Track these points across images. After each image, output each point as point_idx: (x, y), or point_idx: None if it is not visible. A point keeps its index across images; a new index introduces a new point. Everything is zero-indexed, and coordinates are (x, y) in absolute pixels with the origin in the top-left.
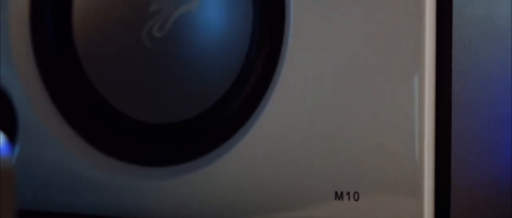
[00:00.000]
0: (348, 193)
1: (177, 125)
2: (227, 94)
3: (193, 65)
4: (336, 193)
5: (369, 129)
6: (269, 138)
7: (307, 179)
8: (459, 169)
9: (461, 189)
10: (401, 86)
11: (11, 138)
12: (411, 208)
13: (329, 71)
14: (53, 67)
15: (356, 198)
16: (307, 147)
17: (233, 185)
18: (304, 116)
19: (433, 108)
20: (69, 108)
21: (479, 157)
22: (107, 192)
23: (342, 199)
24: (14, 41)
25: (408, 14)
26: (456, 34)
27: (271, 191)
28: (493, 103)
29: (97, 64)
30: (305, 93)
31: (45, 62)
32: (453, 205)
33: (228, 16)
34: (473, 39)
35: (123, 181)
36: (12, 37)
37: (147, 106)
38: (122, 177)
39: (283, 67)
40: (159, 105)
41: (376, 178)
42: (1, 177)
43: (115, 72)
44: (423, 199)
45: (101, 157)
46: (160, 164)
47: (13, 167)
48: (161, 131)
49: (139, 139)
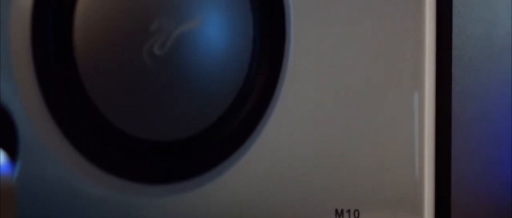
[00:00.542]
0: (349, 211)
1: (177, 142)
2: (227, 112)
3: (194, 83)
4: (336, 211)
5: (369, 147)
6: (270, 156)
7: (307, 197)
8: (459, 186)
9: (461, 206)
10: (401, 105)
11: (12, 154)
12: None
13: (329, 90)
14: (53, 84)
15: (356, 215)
16: (307, 165)
17: (234, 202)
18: (305, 134)
19: (433, 126)
20: (69, 125)
21: (479, 175)
22: (107, 209)
23: (343, 217)
24: (15, 57)
25: (408, 33)
26: (455, 53)
27: (271, 209)
28: (493, 121)
29: (97, 82)
30: (305, 111)
31: (45, 79)
32: None
33: (228, 35)
34: (472, 57)
35: (123, 199)
36: (13, 53)
37: (147, 124)
38: (122, 195)
39: (283, 86)
40: (159, 123)
41: (377, 196)
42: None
43: (115, 90)
44: (423, 217)
45: (101, 174)
46: (160, 182)
47: (13, 185)
48: (161, 148)
49: (139, 157)
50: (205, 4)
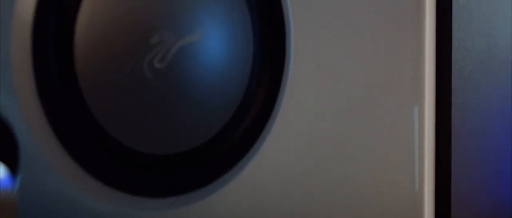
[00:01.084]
0: None
1: (178, 155)
2: (228, 125)
3: (194, 96)
4: None
5: (369, 160)
6: (270, 168)
7: (307, 210)
8: (459, 200)
9: None
10: (401, 118)
11: (12, 168)
12: None
13: (329, 103)
14: (54, 97)
15: None
16: (307, 178)
17: (234, 215)
18: (305, 147)
19: (433, 139)
20: (70, 138)
21: (479, 188)
22: None
23: None
24: (16, 71)
25: (408, 46)
26: (455, 66)
27: None
28: (493, 135)
29: (98, 95)
30: (305, 125)
31: (46, 93)
32: None
33: (229, 48)
34: (473, 71)
35: (124, 212)
36: (14, 67)
37: (148, 137)
38: (123, 208)
39: (283, 99)
40: (160, 136)
41: (377, 209)
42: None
43: (116, 103)
44: None
45: (102, 187)
46: (161, 195)
47: (14, 199)
48: (162, 161)
49: (140, 170)
50: (205, 18)
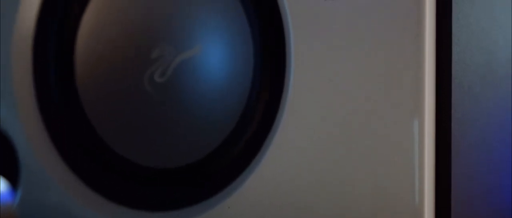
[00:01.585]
0: None
1: (178, 169)
2: (228, 139)
3: (195, 110)
4: None
5: (369, 173)
6: (271, 182)
7: None
8: (459, 213)
9: None
10: (401, 131)
11: (13, 181)
12: None
13: (329, 116)
14: (55, 111)
15: None
16: (308, 191)
17: None
18: (305, 160)
19: (433, 152)
20: (70, 152)
21: (479, 201)
22: None
23: None
24: (16, 84)
25: (408, 60)
26: (455, 81)
27: None
28: (492, 148)
29: (99, 109)
30: (305, 138)
31: (47, 106)
32: None
33: (229, 62)
34: (472, 85)
35: None
36: (14, 80)
37: (148, 151)
38: None
39: (283, 112)
40: (160, 150)
41: None
42: None
43: (117, 117)
44: None
45: (102, 201)
46: (161, 209)
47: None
48: (163, 175)
49: (140, 183)
50: (205, 32)
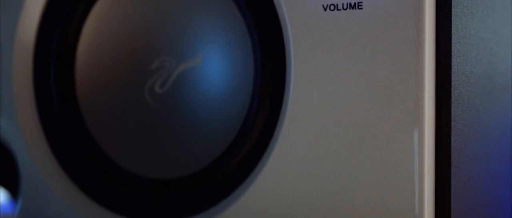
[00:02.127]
0: None
1: (178, 180)
2: (228, 150)
3: (195, 121)
4: None
5: (369, 185)
6: (270, 193)
7: None
8: None
9: None
10: (401, 143)
11: (13, 192)
12: None
13: (329, 128)
14: (55, 122)
15: None
16: (307, 203)
17: None
18: (305, 172)
19: (433, 164)
20: (71, 163)
21: (479, 213)
22: None
23: None
24: (17, 97)
25: (408, 71)
26: (455, 92)
27: None
28: (492, 160)
29: (99, 120)
30: (305, 150)
31: (47, 117)
32: None
33: (229, 73)
34: (472, 96)
35: None
36: (15, 93)
37: (149, 161)
38: None
39: (283, 124)
40: (160, 161)
41: None
42: None
43: (117, 128)
44: None
45: (102, 211)
46: None
47: None
48: (162, 186)
49: (140, 194)
50: (205, 43)
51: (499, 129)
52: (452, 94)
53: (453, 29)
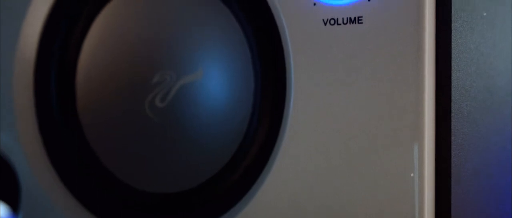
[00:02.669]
0: None
1: (178, 194)
2: (228, 164)
3: (195, 135)
4: None
5: (369, 199)
6: (271, 207)
7: None
8: None
9: None
10: (401, 157)
11: (13, 206)
12: None
13: (329, 141)
14: (56, 136)
15: None
16: (308, 216)
17: None
18: (305, 186)
19: (433, 179)
20: (71, 177)
21: None
22: None
23: None
24: (18, 110)
25: (407, 86)
26: (455, 106)
27: None
28: (492, 174)
29: (100, 134)
30: (306, 164)
31: (48, 131)
32: None
33: (229, 87)
34: (472, 110)
35: None
36: (16, 106)
37: (149, 176)
38: None
39: (284, 138)
40: (161, 175)
41: None
42: None
43: (117, 142)
44: None
45: None
46: None
47: None
48: (163, 200)
49: (140, 209)
50: (206, 57)
51: (499, 143)
52: (452, 109)
53: (453, 44)
